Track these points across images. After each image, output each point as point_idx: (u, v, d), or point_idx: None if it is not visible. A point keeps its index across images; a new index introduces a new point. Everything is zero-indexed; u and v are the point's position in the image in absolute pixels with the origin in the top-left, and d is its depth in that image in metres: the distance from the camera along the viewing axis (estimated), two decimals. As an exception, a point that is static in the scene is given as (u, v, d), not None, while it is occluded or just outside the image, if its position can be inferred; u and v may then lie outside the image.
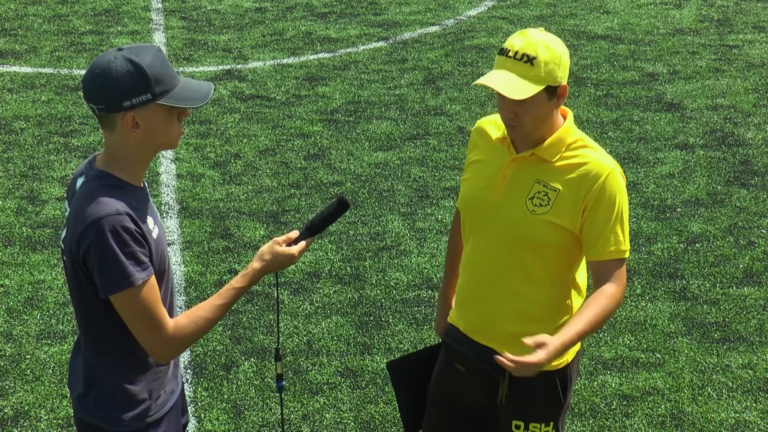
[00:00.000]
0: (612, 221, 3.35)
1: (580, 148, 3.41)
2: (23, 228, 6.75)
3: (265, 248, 3.26)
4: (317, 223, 3.34)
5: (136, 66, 2.99)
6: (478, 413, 3.70)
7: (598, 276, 3.40)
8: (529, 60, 3.26)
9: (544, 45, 3.29)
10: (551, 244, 3.39)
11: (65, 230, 3.12)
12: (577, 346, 3.61)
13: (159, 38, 10.05)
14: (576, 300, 3.53)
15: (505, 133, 3.46)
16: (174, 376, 3.34)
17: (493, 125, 3.57)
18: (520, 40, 3.30)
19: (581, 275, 3.54)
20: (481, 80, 3.29)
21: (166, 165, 7.60)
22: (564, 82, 3.33)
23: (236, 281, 3.21)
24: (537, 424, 3.58)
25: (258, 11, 10.84)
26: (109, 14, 10.68)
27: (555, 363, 3.51)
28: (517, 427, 3.58)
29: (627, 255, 3.40)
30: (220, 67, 9.36)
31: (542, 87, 3.27)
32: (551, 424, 3.60)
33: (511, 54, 3.29)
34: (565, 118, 3.46)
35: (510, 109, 3.31)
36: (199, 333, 3.14)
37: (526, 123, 3.33)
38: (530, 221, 3.37)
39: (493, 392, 3.58)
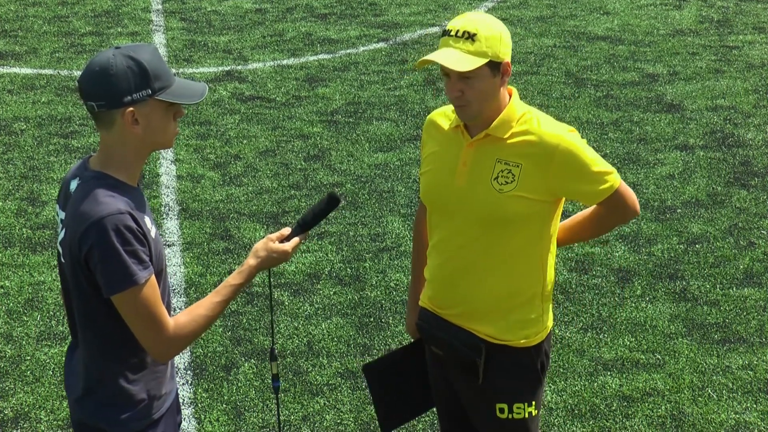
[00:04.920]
0: (590, 172, 3.45)
1: (528, 121, 3.48)
2: (23, 229, 6.75)
3: (259, 245, 3.30)
4: (309, 219, 3.40)
5: (136, 62, 3.01)
6: (460, 397, 3.74)
7: (608, 209, 3.56)
8: (470, 37, 3.37)
9: (483, 23, 3.40)
10: (523, 217, 3.46)
11: (63, 232, 3.12)
12: (550, 324, 3.68)
13: (159, 39, 10.05)
14: (548, 267, 3.60)
15: (458, 121, 3.55)
16: (171, 377, 3.35)
17: (443, 117, 3.65)
18: (460, 21, 3.43)
19: (552, 241, 3.61)
20: (426, 56, 3.40)
21: (167, 166, 7.60)
22: (507, 59, 3.41)
23: (233, 278, 3.24)
24: (521, 405, 3.63)
25: (258, 12, 10.84)
26: (109, 15, 10.68)
27: (531, 339, 3.59)
28: (501, 410, 3.62)
29: (618, 180, 3.50)
30: (220, 69, 9.37)
31: (485, 61, 3.36)
32: (533, 403, 3.65)
33: (453, 33, 3.41)
34: (510, 95, 3.53)
35: (456, 87, 3.40)
36: (199, 331, 3.16)
37: (473, 100, 3.41)
38: (500, 200, 3.44)
39: (472, 374, 3.62)
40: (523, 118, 3.48)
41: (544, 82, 9.04)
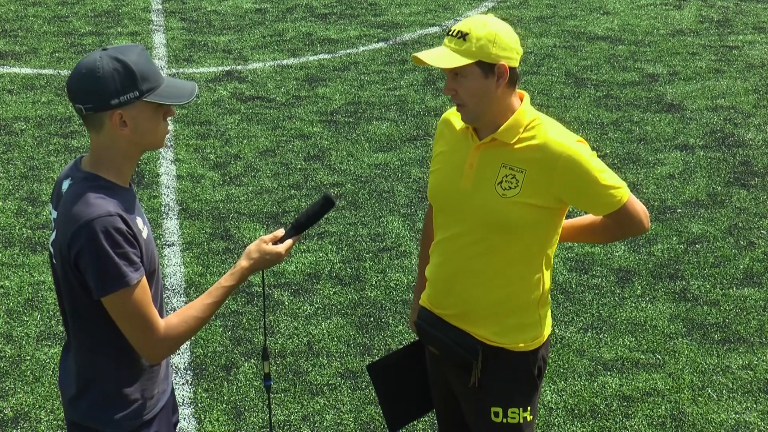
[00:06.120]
0: (596, 183, 3.43)
1: (536, 127, 3.47)
2: (23, 229, 6.75)
3: (252, 247, 3.30)
4: (303, 221, 3.40)
5: (123, 64, 3.00)
6: (457, 396, 3.74)
7: (615, 223, 3.55)
8: (462, 36, 3.39)
9: (480, 23, 3.41)
10: (525, 223, 3.45)
11: (54, 233, 3.12)
12: (548, 330, 3.68)
13: (159, 39, 10.05)
14: (546, 273, 3.60)
15: (468, 124, 3.54)
16: (165, 377, 3.35)
17: (458, 116, 3.65)
18: (462, 21, 3.45)
19: (552, 248, 3.60)
20: (416, 54, 3.44)
21: (167, 166, 7.60)
22: (503, 62, 3.38)
23: (225, 280, 3.23)
24: (515, 409, 3.62)
25: (258, 12, 10.84)
26: (109, 15, 10.68)
27: (528, 344, 3.58)
28: (496, 414, 3.61)
29: (627, 195, 3.48)
30: (220, 68, 9.37)
31: (471, 60, 3.36)
32: (528, 409, 3.64)
33: (450, 33, 3.44)
34: (521, 101, 3.53)
35: (449, 86, 3.43)
36: (190, 333, 3.15)
37: (467, 100, 3.42)
38: (502, 205, 3.44)
39: (467, 375, 3.62)
40: (532, 124, 3.46)
41: (544, 82, 9.04)
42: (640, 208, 3.54)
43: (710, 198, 7.15)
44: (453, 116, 3.65)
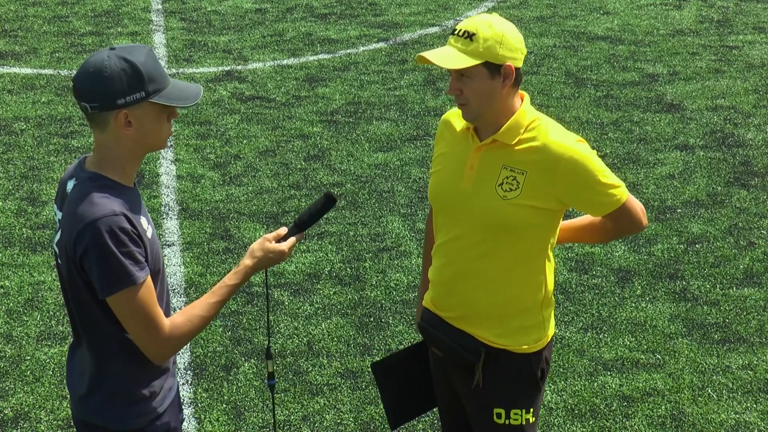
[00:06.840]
0: (597, 183, 3.43)
1: (536, 128, 3.46)
2: (23, 229, 6.75)
3: (255, 245, 3.31)
4: (305, 219, 3.42)
5: (130, 64, 3.01)
6: (461, 397, 3.74)
7: (614, 222, 3.56)
8: (469, 36, 3.37)
9: (486, 24, 3.40)
10: (526, 225, 3.45)
11: (59, 233, 3.12)
12: (551, 332, 3.68)
13: (159, 39, 10.05)
14: (548, 274, 3.60)
15: (468, 123, 3.54)
16: (172, 373, 3.37)
17: (457, 117, 3.65)
18: (467, 21, 3.44)
19: (552, 249, 3.60)
20: (422, 53, 3.43)
21: (167, 166, 7.60)
22: (509, 63, 3.38)
23: (229, 278, 3.25)
24: (518, 411, 3.62)
25: (258, 12, 10.84)
26: (109, 15, 10.68)
27: (531, 346, 3.58)
28: (498, 415, 3.62)
29: (626, 194, 3.48)
30: (220, 68, 9.37)
31: (478, 61, 3.35)
32: (531, 410, 3.64)
33: (456, 32, 3.42)
34: (522, 101, 3.52)
35: (454, 86, 3.42)
36: (195, 332, 3.16)
37: (471, 100, 3.41)
38: (503, 207, 3.43)
39: (470, 377, 3.62)
40: (532, 125, 3.45)
41: (544, 82, 9.04)
42: (638, 206, 3.54)
43: (710, 198, 7.15)
44: (453, 117, 3.65)
